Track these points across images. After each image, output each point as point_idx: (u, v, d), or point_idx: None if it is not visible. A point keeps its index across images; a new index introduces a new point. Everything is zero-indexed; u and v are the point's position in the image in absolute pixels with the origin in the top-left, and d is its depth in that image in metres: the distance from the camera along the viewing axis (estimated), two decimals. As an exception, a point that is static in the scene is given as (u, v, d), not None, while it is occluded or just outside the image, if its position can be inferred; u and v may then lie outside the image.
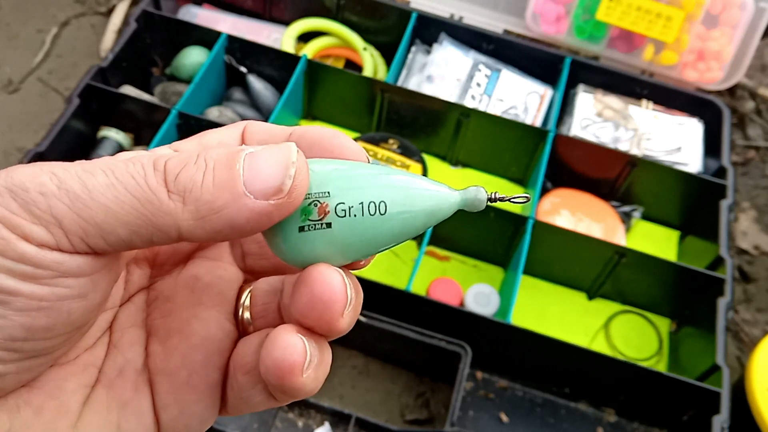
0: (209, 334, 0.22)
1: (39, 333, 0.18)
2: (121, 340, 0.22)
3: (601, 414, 0.81)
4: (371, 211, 0.21)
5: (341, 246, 0.21)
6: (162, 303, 0.23)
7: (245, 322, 0.23)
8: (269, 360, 0.19)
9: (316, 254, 0.21)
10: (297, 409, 0.74)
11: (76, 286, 0.19)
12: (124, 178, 0.18)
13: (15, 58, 1.04)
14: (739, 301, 0.92)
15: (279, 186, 0.19)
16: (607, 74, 0.97)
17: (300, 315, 0.20)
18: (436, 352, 0.74)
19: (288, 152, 0.19)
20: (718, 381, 0.73)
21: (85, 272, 0.19)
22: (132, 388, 0.22)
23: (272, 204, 0.19)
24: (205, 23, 0.98)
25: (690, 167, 0.93)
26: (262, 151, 0.19)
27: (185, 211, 0.18)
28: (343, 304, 0.20)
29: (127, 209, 0.18)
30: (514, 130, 0.90)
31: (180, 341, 0.22)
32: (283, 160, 0.19)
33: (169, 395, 0.22)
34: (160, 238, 0.19)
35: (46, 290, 0.18)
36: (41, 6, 1.11)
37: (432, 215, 0.22)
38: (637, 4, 0.92)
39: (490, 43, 0.99)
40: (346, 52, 1.02)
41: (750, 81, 1.09)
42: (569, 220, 0.90)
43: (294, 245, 0.20)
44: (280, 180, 0.19)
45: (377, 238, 0.21)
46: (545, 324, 0.84)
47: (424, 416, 0.79)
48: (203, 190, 0.18)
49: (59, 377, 0.21)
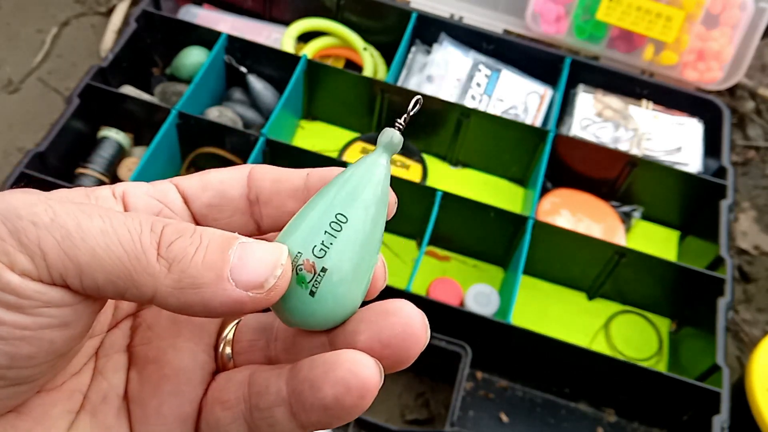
0: (182, 365, 0.22)
1: (22, 361, 0.19)
2: (105, 366, 0.23)
3: (601, 414, 0.81)
4: (337, 229, 0.21)
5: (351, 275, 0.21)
6: (144, 331, 0.23)
7: (224, 356, 0.23)
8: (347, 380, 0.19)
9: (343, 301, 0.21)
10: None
11: (59, 316, 0.19)
12: (119, 229, 0.19)
13: (15, 58, 1.04)
14: (739, 301, 0.92)
15: (262, 282, 0.19)
16: (607, 74, 0.97)
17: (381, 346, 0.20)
18: (436, 352, 0.74)
19: (279, 253, 0.20)
20: (718, 381, 0.73)
21: (67, 303, 0.19)
22: (114, 414, 0.22)
23: (250, 296, 0.19)
24: (205, 23, 0.98)
25: (690, 167, 0.93)
26: (256, 244, 0.20)
27: (168, 278, 0.19)
28: (425, 341, 0.21)
29: (113, 259, 0.19)
30: (514, 130, 0.90)
31: (154, 370, 0.22)
32: (273, 259, 0.20)
33: (140, 424, 0.22)
34: (132, 295, 0.19)
35: (29, 320, 0.18)
36: (41, 6, 1.11)
37: (379, 185, 0.22)
38: (637, 4, 0.92)
39: (490, 43, 0.99)
40: (346, 52, 1.02)
41: (750, 81, 1.09)
42: (569, 220, 0.90)
43: (317, 309, 0.21)
44: (264, 277, 0.19)
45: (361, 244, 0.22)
46: (545, 324, 0.84)
47: (424, 416, 0.79)
48: (191, 264, 0.19)
49: (46, 403, 0.21)
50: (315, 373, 0.19)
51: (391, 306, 0.21)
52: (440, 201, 0.81)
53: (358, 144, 0.92)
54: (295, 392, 0.20)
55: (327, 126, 0.99)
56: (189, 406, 0.22)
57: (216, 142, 0.86)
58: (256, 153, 0.82)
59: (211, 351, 0.23)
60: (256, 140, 0.83)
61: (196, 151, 0.87)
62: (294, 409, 0.20)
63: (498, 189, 0.96)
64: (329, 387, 0.19)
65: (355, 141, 0.93)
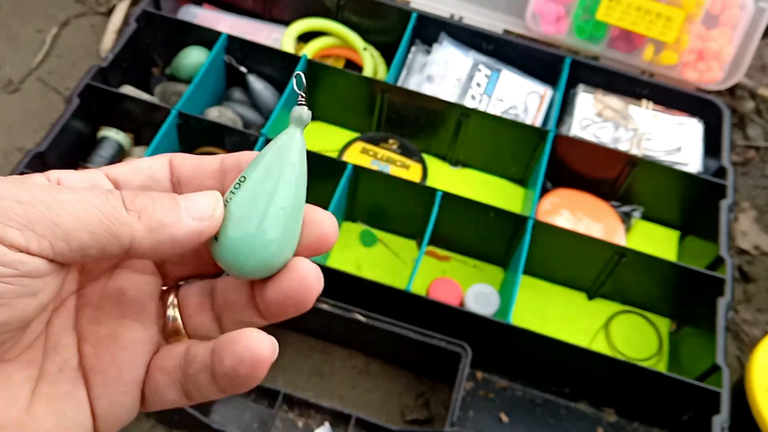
0: (135, 338, 0.26)
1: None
2: (58, 344, 0.25)
3: (601, 414, 0.81)
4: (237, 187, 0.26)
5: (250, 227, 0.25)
6: (91, 311, 0.26)
7: (172, 322, 0.27)
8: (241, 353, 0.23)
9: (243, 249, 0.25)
10: (297, 409, 0.74)
11: (31, 286, 0.21)
12: (90, 197, 0.22)
13: (15, 58, 1.04)
14: (739, 301, 0.92)
15: (211, 212, 0.25)
16: (607, 74, 0.97)
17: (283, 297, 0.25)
18: (436, 352, 0.74)
19: (215, 193, 0.26)
20: (718, 381, 0.73)
21: (40, 274, 0.22)
22: (71, 383, 0.25)
23: (204, 224, 0.24)
24: (205, 23, 0.98)
25: (690, 167, 0.93)
26: (196, 193, 0.25)
27: (140, 224, 0.23)
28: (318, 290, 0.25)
29: (93, 219, 0.22)
30: (514, 130, 0.90)
31: (110, 344, 0.25)
32: (213, 196, 0.25)
33: (101, 388, 0.25)
34: (112, 248, 0.23)
35: (8, 288, 0.21)
36: (41, 6, 1.11)
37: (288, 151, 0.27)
38: (637, 4, 0.92)
39: (490, 43, 0.99)
40: (346, 52, 1.02)
41: (750, 81, 1.09)
42: (569, 220, 0.90)
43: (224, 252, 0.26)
44: (212, 208, 0.25)
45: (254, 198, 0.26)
46: (545, 324, 0.84)
47: (424, 416, 0.79)
48: (155, 210, 0.24)
49: (6, 371, 0.23)
50: (221, 347, 0.24)
51: (293, 263, 0.25)
52: (440, 201, 0.81)
53: (358, 144, 0.92)
54: (211, 362, 0.24)
55: (327, 126, 0.99)
56: (143, 372, 0.26)
57: (216, 142, 0.86)
58: (256, 153, 0.82)
59: (155, 325, 0.27)
60: (256, 140, 0.83)
61: (195, 151, 0.88)
62: (212, 376, 0.24)
63: (498, 189, 0.96)
64: (228, 358, 0.23)
65: (355, 141, 0.93)
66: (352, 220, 0.91)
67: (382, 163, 0.91)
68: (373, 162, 0.91)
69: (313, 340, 0.83)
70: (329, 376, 0.81)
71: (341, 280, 0.75)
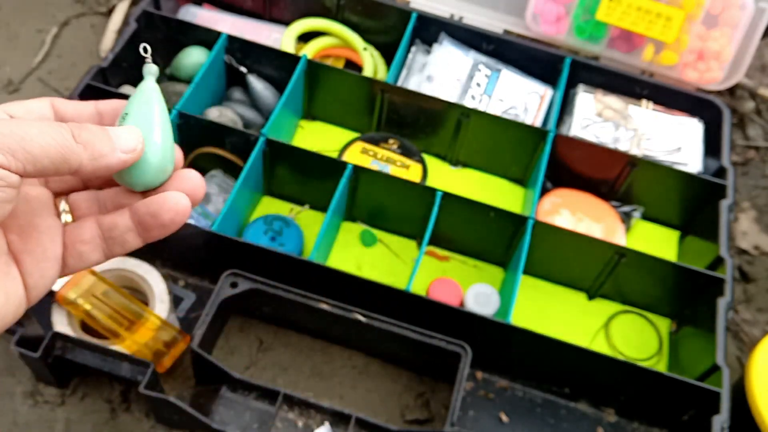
0: (48, 224, 0.34)
1: None
2: None
3: (601, 414, 0.81)
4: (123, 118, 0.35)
5: None
6: None
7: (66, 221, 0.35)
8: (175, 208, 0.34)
9: None
10: (297, 409, 0.74)
11: (10, 194, 0.29)
12: (49, 131, 0.30)
13: (15, 58, 1.04)
14: (739, 301, 0.92)
15: (135, 147, 0.33)
16: (607, 74, 0.97)
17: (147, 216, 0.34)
18: (436, 352, 0.74)
19: (137, 130, 0.34)
20: (718, 381, 0.73)
21: (15, 186, 0.29)
22: (5, 264, 0.32)
23: (129, 156, 0.33)
24: (205, 23, 0.98)
25: (690, 167, 0.93)
26: (120, 128, 0.34)
27: (85, 154, 0.31)
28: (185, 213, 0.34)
29: (52, 149, 0.30)
30: (514, 130, 0.90)
31: (31, 231, 0.33)
32: (136, 133, 0.34)
33: (31, 266, 0.33)
34: (64, 169, 0.31)
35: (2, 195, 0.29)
36: (41, 6, 1.11)
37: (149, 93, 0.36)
38: (637, 5, 0.92)
39: (490, 43, 0.99)
40: (346, 52, 1.02)
41: (750, 81, 1.09)
42: (569, 220, 0.90)
43: None
44: (135, 143, 0.33)
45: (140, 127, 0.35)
46: (545, 324, 0.84)
47: (424, 416, 0.79)
48: (96, 144, 0.32)
49: None
50: (153, 208, 0.33)
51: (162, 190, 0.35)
52: (440, 201, 0.81)
53: (359, 144, 0.92)
54: (141, 221, 0.34)
55: (327, 126, 0.99)
56: (59, 249, 0.34)
57: (216, 142, 0.86)
58: (256, 153, 0.82)
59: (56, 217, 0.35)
60: (256, 140, 0.83)
61: (196, 151, 0.88)
62: (139, 231, 0.34)
63: (498, 189, 0.96)
64: (165, 213, 0.33)
65: (355, 141, 0.93)
66: (352, 220, 0.91)
67: (382, 163, 0.91)
68: (373, 162, 0.91)
69: (313, 340, 0.83)
70: (329, 376, 0.81)
71: (341, 280, 0.75)
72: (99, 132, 0.32)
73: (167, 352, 0.75)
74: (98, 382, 0.77)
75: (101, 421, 0.76)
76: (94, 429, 0.75)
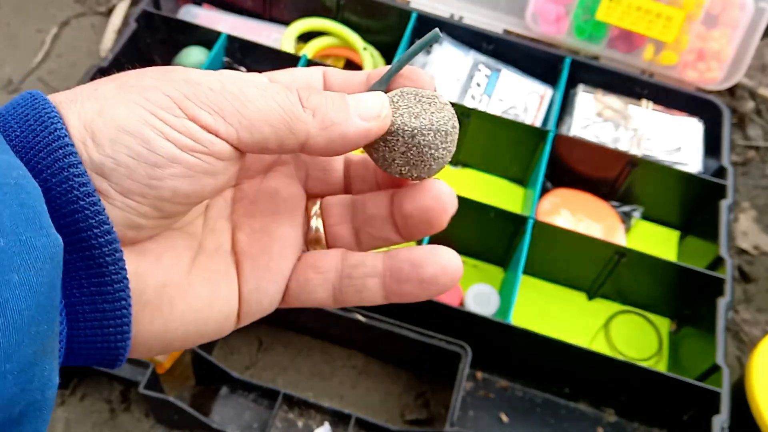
0: (285, 232, 0.28)
1: (180, 197, 0.24)
2: (215, 227, 0.28)
3: (601, 414, 0.81)
4: None
5: None
6: (247, 204, 0.29)
7: (314, 229, 0.29)
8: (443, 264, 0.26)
9: None
10: (297, 409, 0.74)
11: (214, 165, 0.24)
12: (272, 92, 0.24)
13: (15, 58, 1.04)
14: (739, 301, 0.92)
15: (378, 113, 0.26)
16: (607, 74, 0.97)
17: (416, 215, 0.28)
18: (436, 352, 0.74)
19: (383, 95, 0.27)
20: (718, 381, 0.73)
21: (224, 156, 0.24)
22: (224, 263, 0.27)
23: (372, 124, 0.26)
24: (205, 23, 0.98)
25: (690, 167, 0.93)
26: (363, 93, 0.27)
27: (315, 122, 0.25)
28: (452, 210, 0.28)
29: (274, 114, 0.24)
30: (514, 130, 0.90)
31: (263, 235, 0.28)
32: (380, 97, 0.27)
33: (251, 273, 0.27)
34: (289, 142, 0.25)
35: (196, 162, 0.23)
36: (41, 6, 1.11)
37: None
38: (637, 4, 0.92)
39: (490, 43, 0.99)
40: (346, 52, 1.02)
41: (750, 81, 1.09)
42: (569, 220, 0.90)
43: None
44: (379, 109, 0.26)
45: None
46: (545, 324, 0.84)
47: (424, 416, 0.79)
48: (327, 108, 0.25)
49: (173, 237, 0.26)
50: (417, 255, 0.26)
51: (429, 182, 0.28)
52: (440, 201, 0.81)
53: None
54: (394, 268, 0.27)
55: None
56: (289, 266, 0.28)
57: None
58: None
59: (300, 228, 0.29)
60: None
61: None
62: (387, 281, 0.27)
63: (498, 189, 0.96)
64: (430, 267, 0.26)
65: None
66: (352, 220, 0.90)
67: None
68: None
69: (313, 340, 0.83)
70: (329, 376, 0.81)
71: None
72: (333, 95, 0.26)
73: (167, 352, 0.75)
74: (98, 382, 0.77)
75: (101, 421, 0.76)
76: (93, 429, 0.75)
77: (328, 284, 0.27)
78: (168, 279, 0.25)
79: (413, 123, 0.27)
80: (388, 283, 0.27)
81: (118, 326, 0.23)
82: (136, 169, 0.22)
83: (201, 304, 0.26)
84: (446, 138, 0.27)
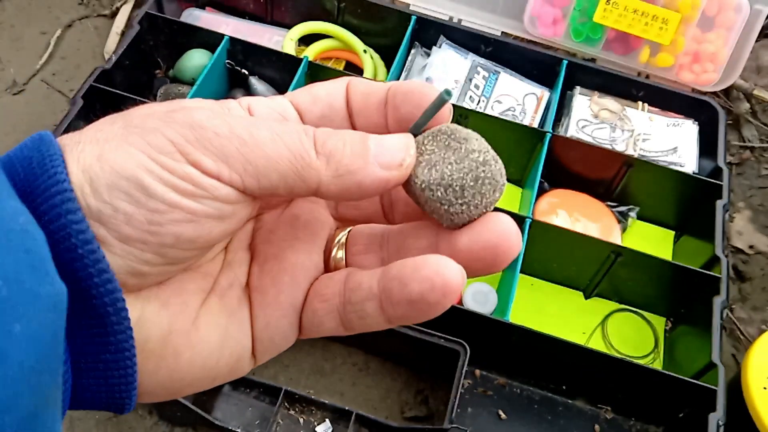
0: (298, 261, 0.26)
1: (184, 243, 0.22)
2: (233, 260, 0.26)
3: (598, 411, 0.81)
4: None
5: None
6: (265, 233, 0.27)
7: (335, 259, 0.27)
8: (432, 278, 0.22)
9: None
10: (298, 406, 0.75)
11: (220, 209, 0.22)
12: (284, 137, 0.23)
13: (19, 60, 1.05)
14: (734, 300, 0.93)
15: (400, 162, 0.24)
16: (604, 76, 0.98)
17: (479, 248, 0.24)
18: (435, 350, 0.75)
19: (409, 139, 0.25)
20: (714, 379, 0.74)
21: (230, 201, 0.23)
22: (237, 300, 0.25)
23: (392, 174, 0.24)
24: (207, 26, 0.99)
25: (686, 168, 0.94)
26: (388, 136, 0.24)
27: (327, 170, 0.23)
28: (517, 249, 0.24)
29: (283, 160, 0.22)
30: (512, 131, 0.91)
31: (274, 265, 0.26)
32: (405, 144, 0.24)
33: (259, 309, 0.25)
34: (299, 189, 0.23)
35: (198, 207, 0.22)
36: (45, 8, 1.12)
37: None
38: (633, 7, 0.93)
39: (489, 46, 1.00)
40: (347, 54, 1.03)
41: (745, 82, 1.10)
42: (566, 220, 0.91)
43: None
44: (401, 158, 0.24)
45: None
46: (542, 322, 0.85)
47: (423, 413, 0.80)
48: (343, 155, 0.23)
49: (183, 280, 0.25)
50: (404, 272, 0.23)
51: (491, 215, 0.24)
52: (439, 201, 0.82)
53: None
54: (386, 289, 0.23)
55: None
56: (300, 297, 0.25)
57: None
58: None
59: (321, 254, 0.27)
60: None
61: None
62: (383, 304, 0.24)
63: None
64: (416, 284, 0.22)
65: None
66: (353, 220, 0.91)
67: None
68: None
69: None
70: (330, 374, 0.82)
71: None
72: (353, 138, 0.24)
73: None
74: (102, 380, 0.78)
75: (104, 418, 0.77)
76: (97, 426, 0.76)
77: (334, 312, 0.25)
78: (173, 327, 0.24)
79: (424, 175, 0.24)
80: (384, 307, 0.24)
81: (122, 377, 0.22)
82: (134, 216, 0.21)
83: (209, 350, 0.24)
84: (463, 193, 0.24)
